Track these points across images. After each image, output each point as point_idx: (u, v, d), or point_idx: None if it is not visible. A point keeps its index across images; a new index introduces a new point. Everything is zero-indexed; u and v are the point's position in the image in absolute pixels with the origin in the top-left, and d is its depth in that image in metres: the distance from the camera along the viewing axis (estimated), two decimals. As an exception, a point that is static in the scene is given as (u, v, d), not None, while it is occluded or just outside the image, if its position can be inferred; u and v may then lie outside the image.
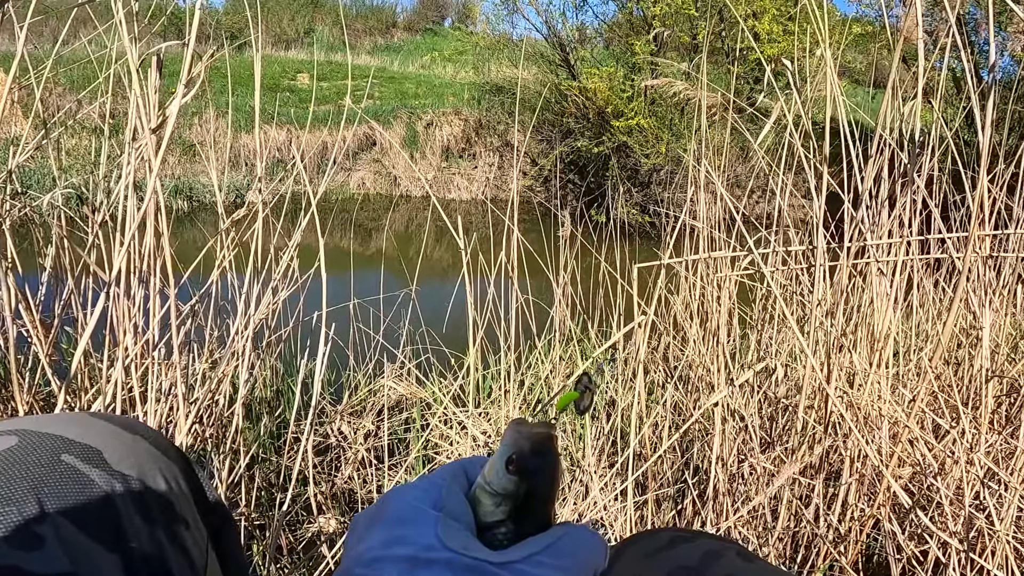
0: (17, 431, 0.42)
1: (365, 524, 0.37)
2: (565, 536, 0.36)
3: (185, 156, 9.24)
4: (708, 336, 1.53)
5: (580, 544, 0.36)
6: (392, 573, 0.32)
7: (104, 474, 0.42)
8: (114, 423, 0.47)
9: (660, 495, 1.49)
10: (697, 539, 0.53)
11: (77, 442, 0.43)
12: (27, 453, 0.40)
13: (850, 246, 1.16)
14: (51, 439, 0.42)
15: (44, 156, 1.41)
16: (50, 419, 0.45)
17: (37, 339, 1.11)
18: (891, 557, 1.20)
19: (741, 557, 0.50)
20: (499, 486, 0.37)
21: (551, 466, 0.37)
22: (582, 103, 8.82)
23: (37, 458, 0.40)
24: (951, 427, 1.21)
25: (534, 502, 0.37)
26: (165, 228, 1.05)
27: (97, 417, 0.47)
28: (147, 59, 1.03)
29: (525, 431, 0.38)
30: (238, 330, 1.34)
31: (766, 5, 7.22)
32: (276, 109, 9.43)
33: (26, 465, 0.39)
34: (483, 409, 1.96)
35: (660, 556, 0.51)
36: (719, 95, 1.57)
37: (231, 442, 1.33)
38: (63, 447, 0.42)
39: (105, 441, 0.44)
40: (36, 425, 0.43)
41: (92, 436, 0.44)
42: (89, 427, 0.45)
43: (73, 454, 0.42)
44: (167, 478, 0.46)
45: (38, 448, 0.41)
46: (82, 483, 0.41)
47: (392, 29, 18.45)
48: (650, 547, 0.53)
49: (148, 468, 0.45)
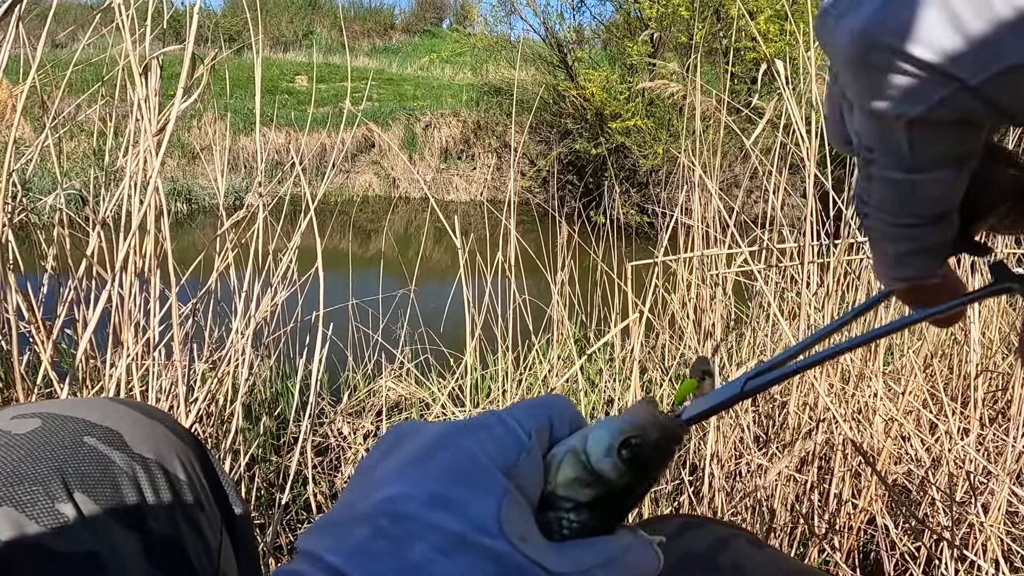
0: (40, 414, 0.43)
1: (409, 456, 0.29)
2: (630, 551, 0.30)
3: (184, 159, 9.25)
4: (703, 333, 1.54)
5: (642, 563, 0.30)
6: (422, 550, 0.25)
7: (125, 456, 0.43)
8: (134, 408, 0.48)
9: (657, 492, 1.50)
10: (706, 526, 0.53)
11: (99, 425, 0.44)
12: (51, 435, 0.41)
13: (839, 243, 1.17)
14: (74, 422, 0.43)
15: (46, 158, 1.43)
16: (72, 403, 0.46)
17: (39, 340, 1.12)
18: (884, 552, 1.21)
19: (751, 544, 0.49)
20: (599, 466, 0.29)
21: (664, 466, 0.31)
22: (580, 104, 8.83)
23: (61, 440, 0.41)
24: (938, 421, 1.22)
25: (626, 500, 0.31)
26: (166, 230, 1.06)
27: (117, 402, 0.48)
28: (147, 63, 1.05)
29: (657, 417, 0.31)
30: (238, 330, 1.35)
31: (761, 4, 7.23)
32: (275, 111, 9.45)
33: (50, 446, 0.40)
34: (482, 409, 1.97)
35: (668, 544, 0.51)
36: (714, 96, 1.58)
37: (231, 442, 1.34)
38: (85, 429, 0.43)
39: (125, 425, 0.45)
40: (58, 408, 0.44)
41: (113, 419, 0.45)
42: (110, 411, 0.46)
43: (95, 436, 0.43)
44: (184, 463, 0.47)
45: (61, 430, 0.42)
46: (104, 464, 0.42)
47: (390, 31, 18.46)
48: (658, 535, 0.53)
49: (166, 452, 0.46)
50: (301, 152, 1.67)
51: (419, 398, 2.09)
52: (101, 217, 1.09)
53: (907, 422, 1.21)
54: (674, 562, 0.49)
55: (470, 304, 1.66)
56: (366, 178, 10.61)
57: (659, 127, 8.06)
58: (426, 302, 2.34)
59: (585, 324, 2.39)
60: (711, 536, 0.50)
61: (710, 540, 0.50)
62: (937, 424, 1.24)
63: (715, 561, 0.48)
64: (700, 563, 0.48)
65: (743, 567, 0.46)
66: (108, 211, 1.11)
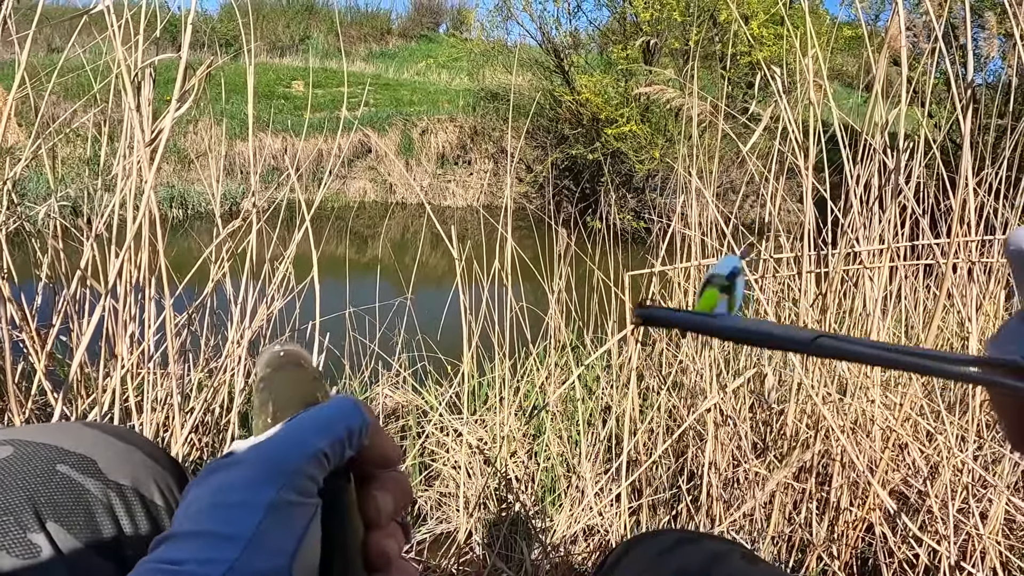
0: (12, 441, 0.42)
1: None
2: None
3: (180, 164, 9.23)
4: (699, 341, 1.54)
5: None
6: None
7: (99, 483, 0.43)
8: (107, 432, 0.48)
9: (655, 500, 1.49)
10: (701, 541, 0.53)
11: (72, 452, 0.43)
12: (23, 463, 0.41)
13: (836, 252, 1.17)
14: (46, 449, 0.42)
15: (39, 166, 1.42)
16: (44, 429, 0.45)
17: (33, 350, 1.12)
18: (882, 561, 1.21)
19: (746, 559, 0.49)
20: None
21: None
22: (576, 109, 8.85)
23: (32, 468, 0.41)
24: (935, 430, 1.22)
25: None
26: (160, 239, 1.06)
27: (90, 427, 0.48)
28: (140, 71, 1.04)
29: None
30: (234, 339, 1.34)
31: (755, 8, 7.25)
32: (271, 117, 9.44)
33: (22, 475, 0.40)
34: (479, 416, 1.97)
35: (664, 559, 0.51)
36: (709, 102, 1.58)
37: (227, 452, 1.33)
38: (58, 457, 0.42)
39: (99, 451, 0.45)
40: (30, 435, 0.44)
41: (86, 446, 0.45)
42: (83, 437, 0.45)
43: (68, 464, 0.42)
44: (161, 487, 0.47)
45: (33, 458, 0.41)
46: (77, 492, 0.41)
47: (387, 36, 18.46)
48: (653, 550, 0.52)
49: (143, 477, 0.46)
50: (297, 158, 1.67)
51: (416, 406, 2.08)
52: (96, 229, 1.09)
53: (904, 431, 1.21)
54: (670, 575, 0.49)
55: (467, 311, 1.66)
56: (363, 184, 10.61)
57: (655, 132, 8.08)
58: (423, 309, 2.34)
59: (583, 331, 2.39)
60: (705, 551, 0.50)
61: (704, 555, 0.50)
62: (934, 433, 1.23)
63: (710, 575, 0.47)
64: None
65: None
66: (102, 222, 1.10)
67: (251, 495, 0.25)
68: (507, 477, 1.64)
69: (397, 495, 0.31)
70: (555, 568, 1.40)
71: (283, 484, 0.26)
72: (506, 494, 1.62)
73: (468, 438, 1.69)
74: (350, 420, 0.29)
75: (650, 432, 1.58)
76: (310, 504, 0.26)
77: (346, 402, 0.30)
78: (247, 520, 0.24)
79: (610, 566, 0.54)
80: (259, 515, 0.25)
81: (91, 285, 1.17)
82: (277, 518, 0.25)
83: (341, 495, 0.29)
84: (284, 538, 0.25)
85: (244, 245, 1.38)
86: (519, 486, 1.65)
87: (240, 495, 0.25)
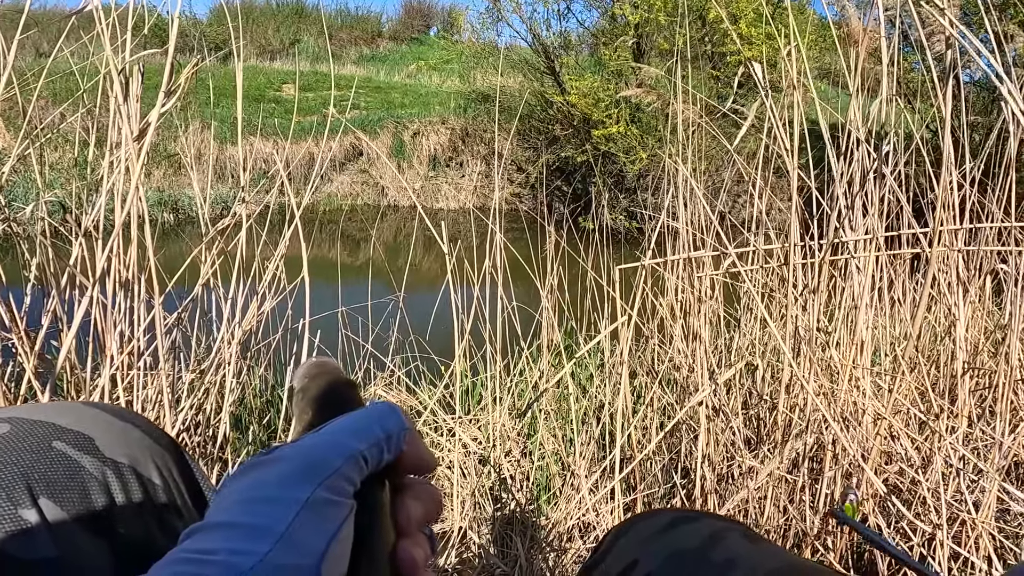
0: (9, 419, 0.42)
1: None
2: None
3: (171, 169, 9.19)
4: (690, 336, 1.54)
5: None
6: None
7: (96, 461, 0.42)
8: (106, 411, 0.47)
9: (649, 495, 1.50)
10: (700, 519, 0.50)
11: (69, 429, 0.43)
12: (19, 440, 0.40)
13: (823, 243, 1.18)
14: (43, 426, 0.42)
15: (27, 167, 1.41)
16: (42, 407, 0.45)
17: (22, 350, 1.11)
18: (877, 553, 1.21)
19: (746, 539, 0.47)
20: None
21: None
22: (567, 110, 8.87)
23: (28, 445, 0.40)
24: (927, 419, 1.22)
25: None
26: (148, 236, 1.05)
27: (89, 406, 0.47)
28: (128, 67, 1.04)
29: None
30: (224, 338, 1.34)
31: (743, 8, 7.29)
32: (261, 120, 9.41)
33: (17, 452, 0.40)
34: (473, 415, 1.97)
35: (659, 539, 0.49)
36: (697, 101, 1.59)
37: (219, 451, 1.33)
38: (55, 434, 0.42)
39: (97, 429, 0.44)
40: (28, 413, 0.43)
41: (84, 424, 0.44)
42: (81, 415, 0.45)
43: (65, 441, 0.42)
44: (159, 466, 0.46)
45: (29, 435, 0.41)
46: (72, 469, 0.41)
47: (377, 39, 18.45)
48: (648, 530, 0.51)
49: (140, 456, 0.45)
50: (286, 160, 1.67)
51: (410, 406, 2.08)
52: (84, 227, 1.08)
53: (896, 421, 1.21)
54: (666, 556, 0.47)
55: (459, 311, 1.65)
56: (354, 187, 10.60)
57: (645, 132, 8.11)
58: (416, 310, 2.34)
59: (575, 330, 2.39)
60: (704, 530, 0.48)
61: (704, 534, 0.48)
62: (926, 422, 1.24)
63: (708, 556, 0.45)
64: (692, 558, 0.46)
65: (736, 562, 0.44)
66: (91, 220, 1.10)
67: (288, 491, 0.25)
68: (502, 475, 1.64)
69: (429, 505, 0.31)
70: (550, 564, 1.40)
71: (320, 483, 0.26)
72: (501, 492, 1.62)
73: (463, 437, 1.69)
74: (388, 425, 0.30)
75: (644, 429, 1.58)
76: (345, 505, 0.26)
77: (385, 407, 0.30)
78: (281, 515, 0.24)
79: (605, 548, 0.52)
80: (294, 511, 0.25)
81: (80, 284, 1.16)
82: (311, 516, 0.25)
83: (376, 499, 0.29)
84: (316, 536, 0.25)
85: (234, 244, 1.37)
86: (514, 484, 1.65)
87: (276, 491, 0.25)
